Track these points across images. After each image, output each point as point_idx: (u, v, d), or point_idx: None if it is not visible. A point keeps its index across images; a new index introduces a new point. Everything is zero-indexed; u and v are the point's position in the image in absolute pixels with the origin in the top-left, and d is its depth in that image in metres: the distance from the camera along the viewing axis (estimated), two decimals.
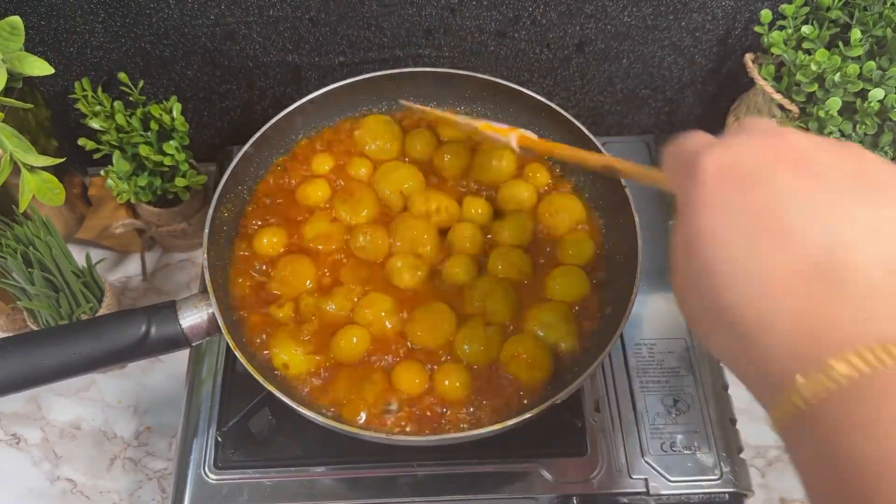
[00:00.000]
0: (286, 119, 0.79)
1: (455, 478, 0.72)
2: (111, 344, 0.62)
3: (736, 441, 0.75)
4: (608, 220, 0.78)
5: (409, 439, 0.64)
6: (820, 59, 0.77)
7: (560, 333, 0.69)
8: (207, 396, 0.78)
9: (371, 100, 0.84)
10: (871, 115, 0.76)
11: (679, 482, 0.72)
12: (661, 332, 0.82)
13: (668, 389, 0.78)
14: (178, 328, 0.64)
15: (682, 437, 0.75)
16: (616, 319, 0.67)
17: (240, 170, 0.76)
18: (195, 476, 0.73)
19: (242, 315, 0.71)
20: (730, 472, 0.73)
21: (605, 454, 0.74)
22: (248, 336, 0.70)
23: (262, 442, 0.74)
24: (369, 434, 0.62)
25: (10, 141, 0.73)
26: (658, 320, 0.82)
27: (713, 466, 0.73)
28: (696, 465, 0.73)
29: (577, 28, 0.89)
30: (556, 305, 0.71)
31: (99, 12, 0.83)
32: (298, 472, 0.73)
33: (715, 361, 0.80)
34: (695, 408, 0.77)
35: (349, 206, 0.77)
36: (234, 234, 0.77)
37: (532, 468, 0.73)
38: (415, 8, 0.85)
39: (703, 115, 1.03)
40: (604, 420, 0.76)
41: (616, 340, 0.65)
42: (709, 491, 0.72)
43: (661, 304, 0.83)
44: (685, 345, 0.81)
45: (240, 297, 0.72)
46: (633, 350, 0.80)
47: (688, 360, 0.80)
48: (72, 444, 0.85)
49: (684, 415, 0.76)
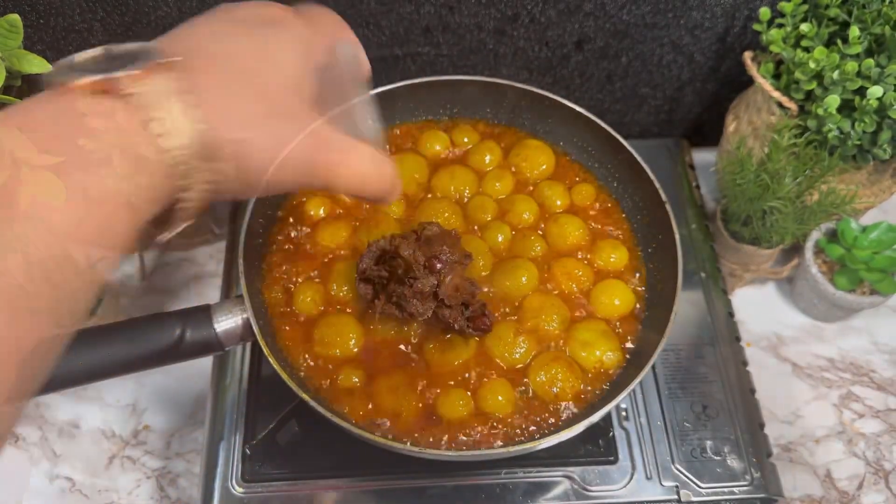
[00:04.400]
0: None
1: (485, 488, 0.72)
2: (146, 347, 0.61)
3: (765, 446, 0.75)
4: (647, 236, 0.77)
5: (442, 454, 0.62)
6: (819, 56, 0.77)
7: (604, 349, 0.68)
8: (232, 405, 0.77)
9: (407, 108, 0.84)
10: (869, 113, 0.76)
11: (710, 488, 0.72)
12: (689, 338, 0.82)
13: (697, 396, 0.78)
14: (212, 332, 0.63)
15: (712, 443, 0.75)
16: (651, 344, 0.66)
17: None
18: (222, 489, 0.72)
19: (273, 321, 0.70)
20: (760, 477, 0.73)
21: (635, 462, 0.74)
22: (281, 342, 0.69)
23: (290, 454, 0.74)
24: (402, 447, 0.61)
25: None
26: (686, 326, 0.82)
27: (743, 472, 0.73)
28: (727, 471, 0.73)
29: (576, 26, 0.89)
30: (597, 323, 0.70)
31: (97, 10, 0.83)
32: (327, 483, 0.73)
33: (743, 367, 0.81)
34: (723, 413, 0.77)
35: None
36: (265, 242, 0.75)
37: (562, 477, 0.73)
38: (413, 6, 0.85)
39: (702, 113, 1.03)
40: (633, 427, 0.76)
41: (651, 363, 0.63)
42: (740, 497, 0.72)
43: (689, 310, 0.83)
44: (713, 351, 0.81)
45: (271, 304, 0.71)
46: (662, 357, 0.80)
47: (716, 365, 0.80)
48: (70, 442, 0.85)
49: (713, 421, 0.76)
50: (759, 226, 0.86)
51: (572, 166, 0.82)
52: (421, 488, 0.72)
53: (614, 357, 0.68)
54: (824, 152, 0.80)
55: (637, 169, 0.75)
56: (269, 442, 0.73)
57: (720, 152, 0.99)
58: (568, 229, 0.75)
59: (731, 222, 0.91)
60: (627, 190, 0.79)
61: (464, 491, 0.72)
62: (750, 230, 0.88)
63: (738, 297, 0.95)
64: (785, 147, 0.80)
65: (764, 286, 0.97)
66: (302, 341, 0.69)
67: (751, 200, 0.84)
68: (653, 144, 1.00)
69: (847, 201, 0.81)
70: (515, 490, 0.72)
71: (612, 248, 0.75)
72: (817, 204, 0.82)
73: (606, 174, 0.80)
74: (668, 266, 0.70)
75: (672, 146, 1.00)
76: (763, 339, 0.93)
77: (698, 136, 1.04)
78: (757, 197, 0.83)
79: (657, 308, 0.70)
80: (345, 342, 0.68)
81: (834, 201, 0.81)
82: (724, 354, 0.81)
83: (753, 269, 0.92)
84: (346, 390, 0.66)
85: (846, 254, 0.86)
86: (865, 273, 0.85)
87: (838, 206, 0.81)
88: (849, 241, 0.86)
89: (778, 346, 0.93)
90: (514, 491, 0.72)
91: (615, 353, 0.68)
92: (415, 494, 0.72)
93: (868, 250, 0.86)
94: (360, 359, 0.68)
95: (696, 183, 0.96)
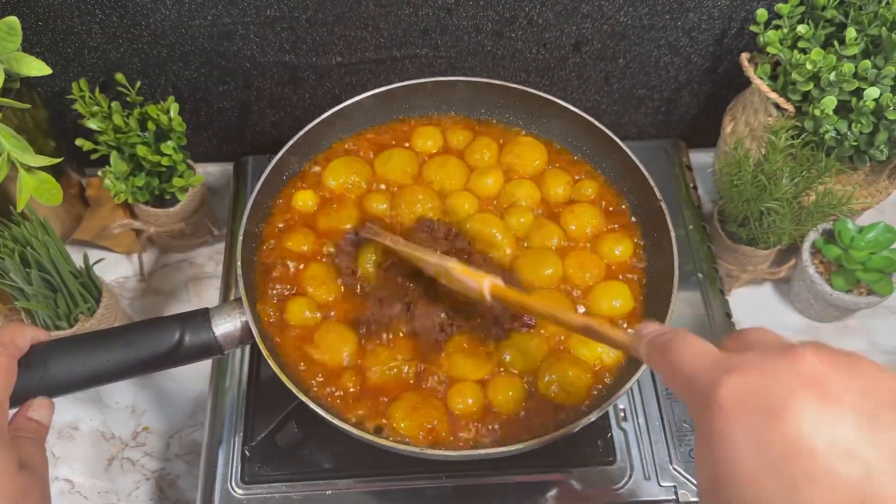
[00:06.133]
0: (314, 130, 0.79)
1: (483, 488, 0.73)
2: (145, 351, 0.62)
3: None
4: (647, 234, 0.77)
5: (441, 454, 0.62)
6: (815, 58, 0.78)
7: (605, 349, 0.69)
8: (232, 407, 0.78)
9: (402, 108, 0.84)
10: (866, 114, 0.76)
11: None
12: None
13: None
14: (211, 336, 0.63)
15: None
16: None
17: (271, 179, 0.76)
18: (222, 491, 0.73)
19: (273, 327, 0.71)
20: None
21: (633, 462, 0.74)
22: (280, 345, 0.69)
23: (289, 455, 0.74)
24: (402, 448, 0.62)
25: (7, 141, 0.73)
26: (683, 327, 0.82)
27: None
28: None
29: (574, 28, 0.89)
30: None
31: (96, 13, 0.83)
32: (326, 485, 0.73)
33: None
34: None
35: None
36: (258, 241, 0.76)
37: (560, 478, 0.73)
38: (411, 8, 0.85)
39: (699, 115, 1.03)
40: (631, 428, 0.76)
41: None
42: None
43: (686, 310, 0.83)
44: None
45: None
46: None
47: None
48: (69, 444, 0.85)
49: None
50: (756, 226, 0.86)
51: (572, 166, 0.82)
52: (420, 489, 0.72)
53: (614, 354, 0.68)
54: (821, 153, 0.80)
55: (633, 170, 0.76)
56: (269, 443, 0.73)
57: (717, 153, 0.99)
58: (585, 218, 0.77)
59: (728, 223, 0.91)
60: (623, 190, 0.79)
61: (462, 492, 0.72)
62: (747, 231, 0.88)
63: (735, 297, 0.95)
64: (782, 148, 0.80)
65: (761, 287, 0.98)
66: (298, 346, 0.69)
67: (748, 201, 0.84)
68: (650, 146, 1.00)
69: (844, 202, 0.81)
70: (514, 491, 0.73)
71: (616, 241, 0.76)
72: (814, 205, 0.82)
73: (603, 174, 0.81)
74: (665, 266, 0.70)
75: (669, 147, 1.00)
76: None
77: (695, 137, 1.04)
78: (754, 198, 0.83)
79: (655, 307, 0.70)
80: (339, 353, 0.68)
81: (831, 202, 0.81)
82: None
83: (750, 270, 0.92)
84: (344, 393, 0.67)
85: (843, 254, 0.87)
86: (862, 273, 0.86)
87: (835, 207, 0.81)
88: (846, 242, 0.87)
89: None
90: (512, 491, 0.73)
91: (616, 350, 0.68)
92: (414, 495, 0.72)
93: (865, 251, 0.86)
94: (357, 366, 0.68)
95: (694, 184, 0.97)
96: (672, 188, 0.95)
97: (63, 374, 0.60)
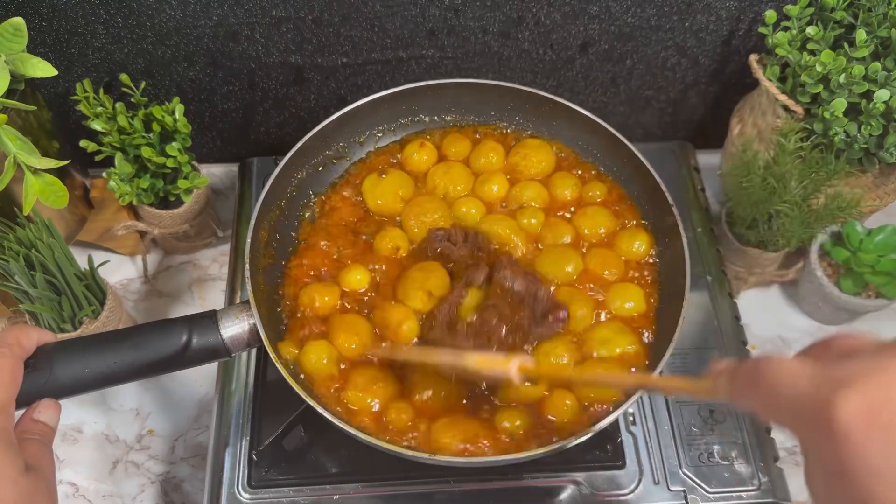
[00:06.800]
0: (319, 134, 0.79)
1: (492, 493, 0.72)
2: (153, 353, 0.61)
3: (772, 450, 0.75)
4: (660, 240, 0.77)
5: (451, 460, 0.62)
6: (825, 59, 0.77)
7: (623, 345, 0.69)
8: (238, 411, 0.77)
9: (412, 110, 0.84)
10: (876, 117, 0.76)
11: (717, 493, 0.72)
12: (695, 342, 0.81)
13: (704, 400, 0.78)
14: (218, 338, 0.63)
15: (719, 447, 0.75)
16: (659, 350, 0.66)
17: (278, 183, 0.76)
18: (228, 495, 0.72)
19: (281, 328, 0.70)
20: (767, 481, 0.73)
21: (642, 466, 0.74)
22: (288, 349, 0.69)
23: (296, 459, 0.73)
24: (410, 453, 0.61)
25: (14, 143, 0.72)
26: (692, 329, 0.82)
27: (751, 476, 0.73)
28: (734, 476, 0.73)
29: (581, 29, 0.89)
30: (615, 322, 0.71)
31: (100, 13, 0.82)
32: (333, 489, 0.72)
33: None
34: (731, 418, 0.77)
35: None
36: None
37: (569, 482, 0.73)
38: (418, 9, 0.85)
39: (706, 116, 1.02)
40: (641, 432, 0.76)
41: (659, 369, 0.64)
42: (747, 501, 0.72)
43: (695, 313, 0.83)
44: (718, 355, 0.81)
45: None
46: (668, 361, 0.80)
47: None
48: (73, 447, 0.84)
49: (720, 425, 0.76)
50: (764, 229, 0.86)
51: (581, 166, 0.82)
52: (428, 494, 0.72)
53: (633, 351, 0.68)
54: (830, 156, 0.79)
55: (644, 174, 0.75)
56: (276, 447, 0.72)
57: (724, 155, 0.99)
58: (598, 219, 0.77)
59: (736, 225, 0.90)
60: (632, 193, 0.79)
61: (471, 496, 0.72)
62: (755, 233, 0.87)
63: (743, 300, 0.95)
64: (791, 150, 0.80)
65: (769, 289, 0.97)
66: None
67: (756, 204, 0.84)
68: (657, 147, 0.99)
69: (853, 204, 0.81)
70: (523, 496, 0.72)
71: (632, 237, 0.76)
72: (823, 207, 0.82)
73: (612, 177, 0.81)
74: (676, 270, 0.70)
75: (677, 149, 0.99)
76: (768, 343, 0.93)
77: (702, 138, 1.04)
78: (763, 200, 0.83)
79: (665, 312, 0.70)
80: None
81: (840, 205, 0.81)
82: (730, 358, 0.81)
83: (758, 273, 0.92)
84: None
85: (852, 257, 0.86)
86: (871, 276, 0.85)
87: (844, 210, 0.81)
88: (854, 245, 0.86)
89: (783, 349, 0.93)
90: (521, 496, 0.72)
91: (634, 347, 0.68)
92: (422, 500, 0.72)
93: (874, 253, 0.85)
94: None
95: (702, 186, 0.96)
96: (680, 190, 0.94)
97: (69, 376, 0.59)
